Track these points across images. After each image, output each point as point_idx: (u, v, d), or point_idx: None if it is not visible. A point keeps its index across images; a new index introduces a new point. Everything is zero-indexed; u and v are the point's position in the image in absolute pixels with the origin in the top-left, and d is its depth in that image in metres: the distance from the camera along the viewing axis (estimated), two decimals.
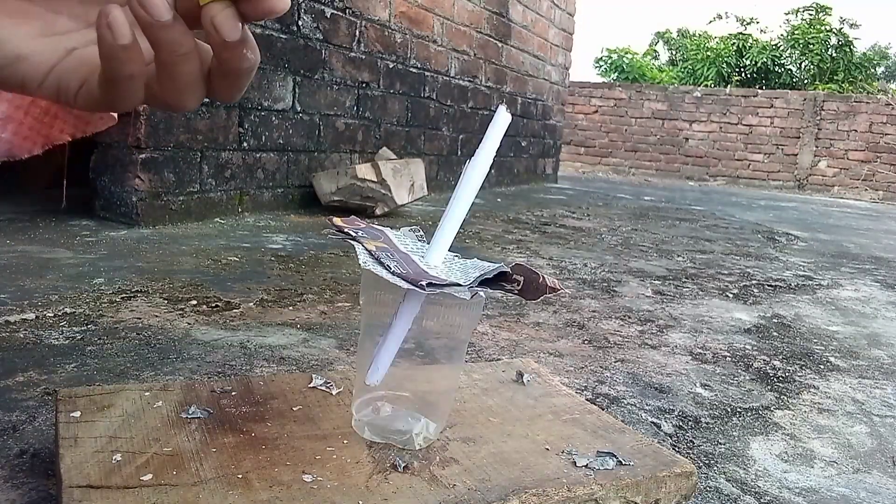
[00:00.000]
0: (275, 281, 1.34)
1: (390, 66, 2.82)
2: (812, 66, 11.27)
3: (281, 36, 2.21)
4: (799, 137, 7.60)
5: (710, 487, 0.66)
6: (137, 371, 0.82)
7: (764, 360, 1.10)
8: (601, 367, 0.99)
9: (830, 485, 0.69)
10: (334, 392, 0.62)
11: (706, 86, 10.18)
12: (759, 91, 8.11)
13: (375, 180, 2.27)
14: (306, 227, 2.04)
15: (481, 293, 0.51)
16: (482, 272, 0.49)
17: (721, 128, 7.91)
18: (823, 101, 7.52)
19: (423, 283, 0.45)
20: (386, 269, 0.48)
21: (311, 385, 0.63)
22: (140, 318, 1.02)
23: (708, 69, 11.41)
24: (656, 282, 1.68)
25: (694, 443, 0.76)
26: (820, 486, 0.68)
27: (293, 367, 0.87)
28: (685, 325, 1.29)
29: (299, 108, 2.33)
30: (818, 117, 7.50)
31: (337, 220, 0.55)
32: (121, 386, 0.61)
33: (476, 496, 0.48)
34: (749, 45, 11.48)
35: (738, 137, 7.85)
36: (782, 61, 11.45)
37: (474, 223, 2.45)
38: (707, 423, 0.82)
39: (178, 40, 0.33)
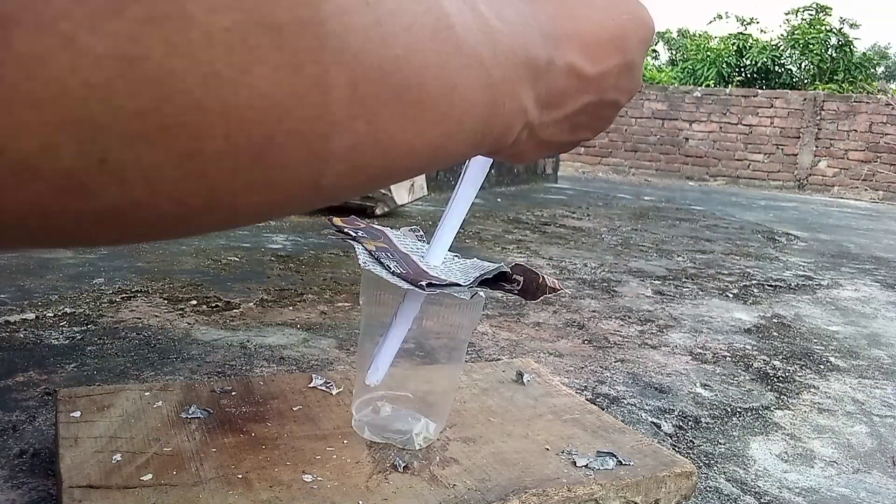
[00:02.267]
0: (275, 281, 1.34)
1: None
2: (812, 66, 11.27)
3: None
4: (799, 137, 7.60)
5: (710, 487, 0.66)
6: (137, 371, 0.82)
7: (764, 360, 1.10)
8: (601, 367, 0.99)
9: (830, 485, 0.69)
10: (334, 392, 0.62)
11: (706, 86, 10.18)
12: (759, 91, 8.11)
13: None
14: (306, 227, 2.04)
15: (481, 293, 0.51)
16: (482, 272, 0.49)
17: (721, 128, 7.91)
18: (823, 101, 7.52)
19: (423, 283, 0.45)
20: (386, 269, 0.48)
21: (311, 385, 0.63)
22: (140, 318, 1.02)
23: (708, 69, 11.41)
24: (656, 282, 1.68)
25: (694, 443, 0.76)
26: (820, 486, 0.68)
27: (293, 367, 0.87)
28: (685, 325, 1.29)
29: None
30: (818, 117, 7.50)
31: (337, 220, 0.55)
32: (121, 386, 0.61)
33: (476, 496, 0.48)
34: (749, 45, 11.47)
35: (738, 137, 7.84)
36: (782, 61, 11.45)
37: (474, 223, 2.45)
38: (707, 423, 0.82)
39: None
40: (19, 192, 0.13)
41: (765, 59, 11.23)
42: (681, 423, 0.81)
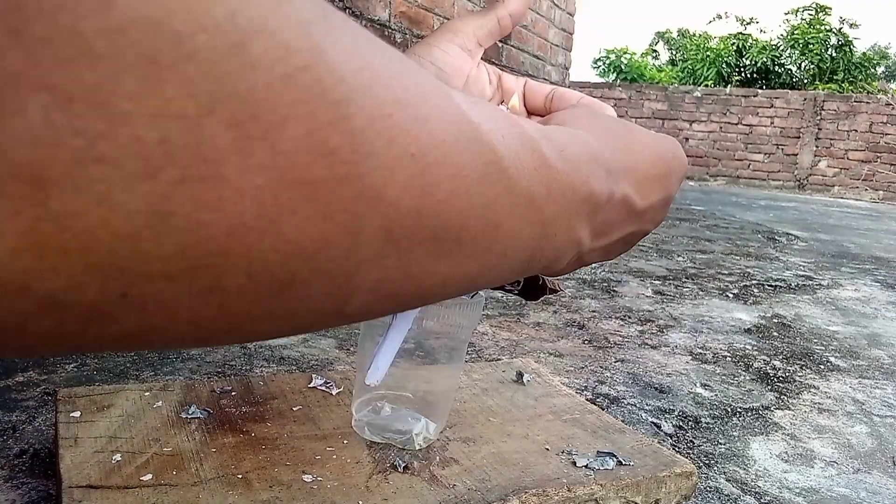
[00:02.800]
0: None
1: None
2: (812, 66, 11.27)
3: None
4: (799, 137, 7.60)
5: (710, 487, 0.66)
6: (137, 371, 0.82)
7: (764, 360, 1.10)
8: (601, 367, 0.99)
9: (830, 485, 0.69)
10: (334, 392, 0.62)
11: (706, 86, 10.18)
12: (760, 91, 8.11)
13: None
14: None
15: (481, 293, 0.51)
16: None
17: (721, 128, 7.91)
18: (823, 101, 7.52)
19: None
20: None
21: (311, 385, 0.63)
22: None
23: (708, 69, 11.41)
24: (656, 282, 1.68)
25: (694, 443, 0.76)
26: (820, 486, 0.68)
27: (293, 366, 0.87)
28: (685, 325, 1.29)
29: None
30: (818, 117, 7.50)
31: None
32: (121, 386, 0.60)
33: (476, 496, 0.48)
34: (749, 44, 11.48)
35: (738, 137, 7.85)
36: (782, 61, 11.45)
37: None
38: (707, 424, 0.82)
39: None
40: (42, 321, 0.13)
41: (764, 59, 11.24)
42: (681, 423, 0.81)
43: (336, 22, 0.16)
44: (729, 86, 9.98)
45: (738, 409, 0.87)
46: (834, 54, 11.19)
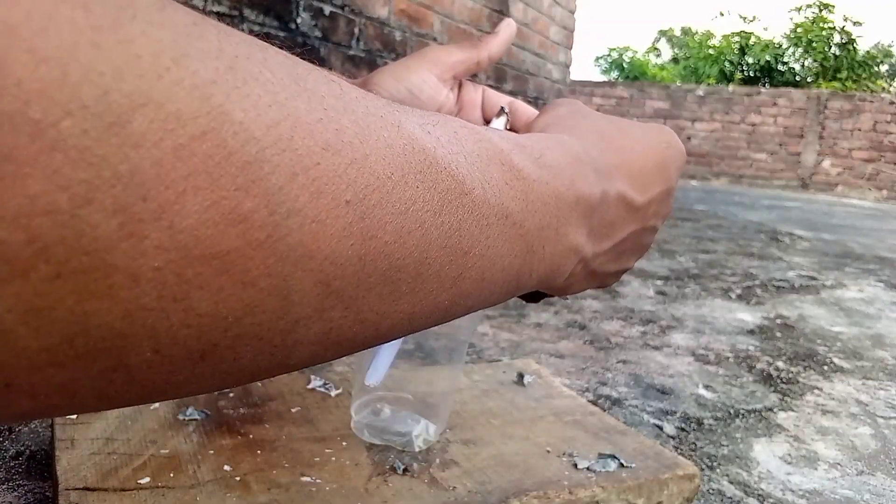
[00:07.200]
0: None
1: None
2: (815, 64, 11.25)
3: (279, 33, 2.20)
4: (802, 136, 7.59)
5: (712, 490, 0.65)
6: None
7: (767, 362, 1.10)
8: (603, 368, 0.99)
9: (834, 487, 0.69)
10: (333, 393, 0.62)
11: (709, 84, 10.17)
12: (763, 89, 8.09)
13: None
14: None
15: None
16: None
17: (724, 126, 7.89)
18: (827, 100, 7.50)
19: None
20: None
21: (310, 386, 0.63)
22: None
23: (710, 67, 11.41)
24: (658, 282, 1.67)
25: (696, 445, 0.75)
26: (824, 489, 0.68)
27: None
28: (687, 325, 1.28)
29: None
30: (822, 116, 7.48)
31: None
32: None
33: (476, 499, 0.47)
34: (752, 42, 11.46)
35: (741, 136, 7.83)
36: (785, 59, 11.43)
37: None
38: (710, 425, 0.81)
39: None
40: None
41: (767, 57, 11.22)
42: (683, 425, 0.80)
43: (250, 71, 0.14)
44: (731, 84, 9.97)
45: (741, 411, 0.87)
46: (837, 52, 11.17)
